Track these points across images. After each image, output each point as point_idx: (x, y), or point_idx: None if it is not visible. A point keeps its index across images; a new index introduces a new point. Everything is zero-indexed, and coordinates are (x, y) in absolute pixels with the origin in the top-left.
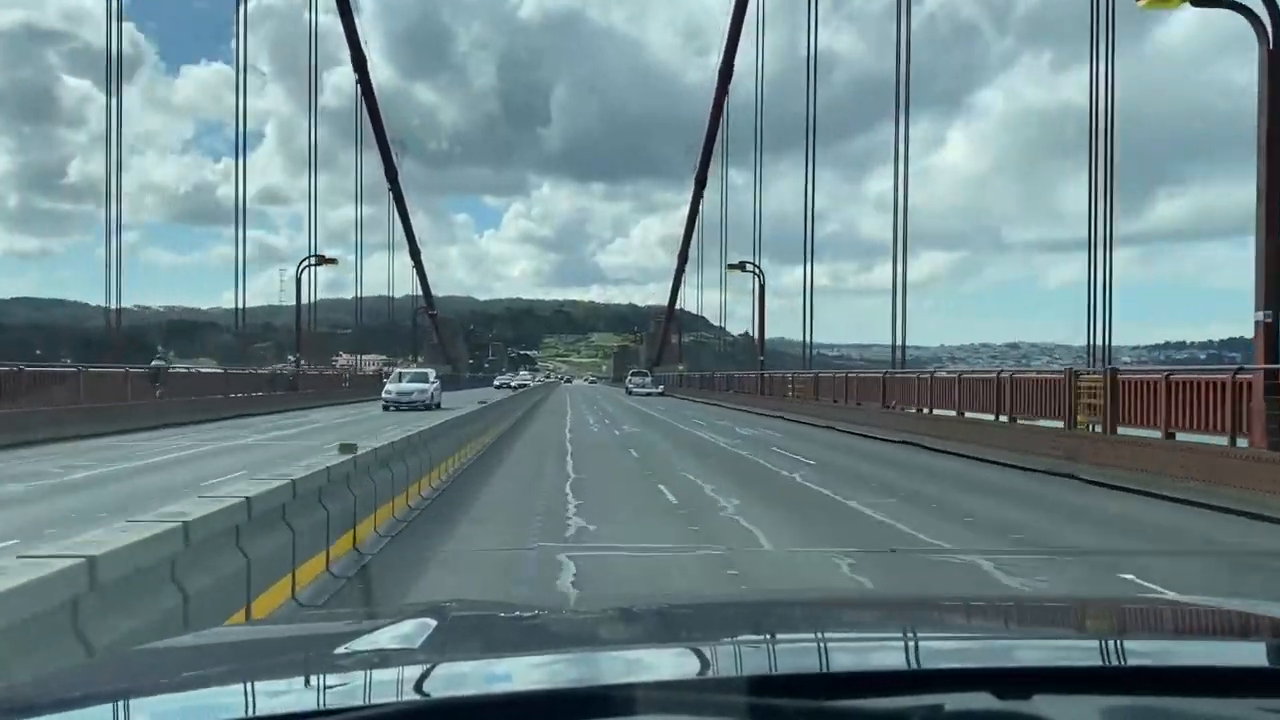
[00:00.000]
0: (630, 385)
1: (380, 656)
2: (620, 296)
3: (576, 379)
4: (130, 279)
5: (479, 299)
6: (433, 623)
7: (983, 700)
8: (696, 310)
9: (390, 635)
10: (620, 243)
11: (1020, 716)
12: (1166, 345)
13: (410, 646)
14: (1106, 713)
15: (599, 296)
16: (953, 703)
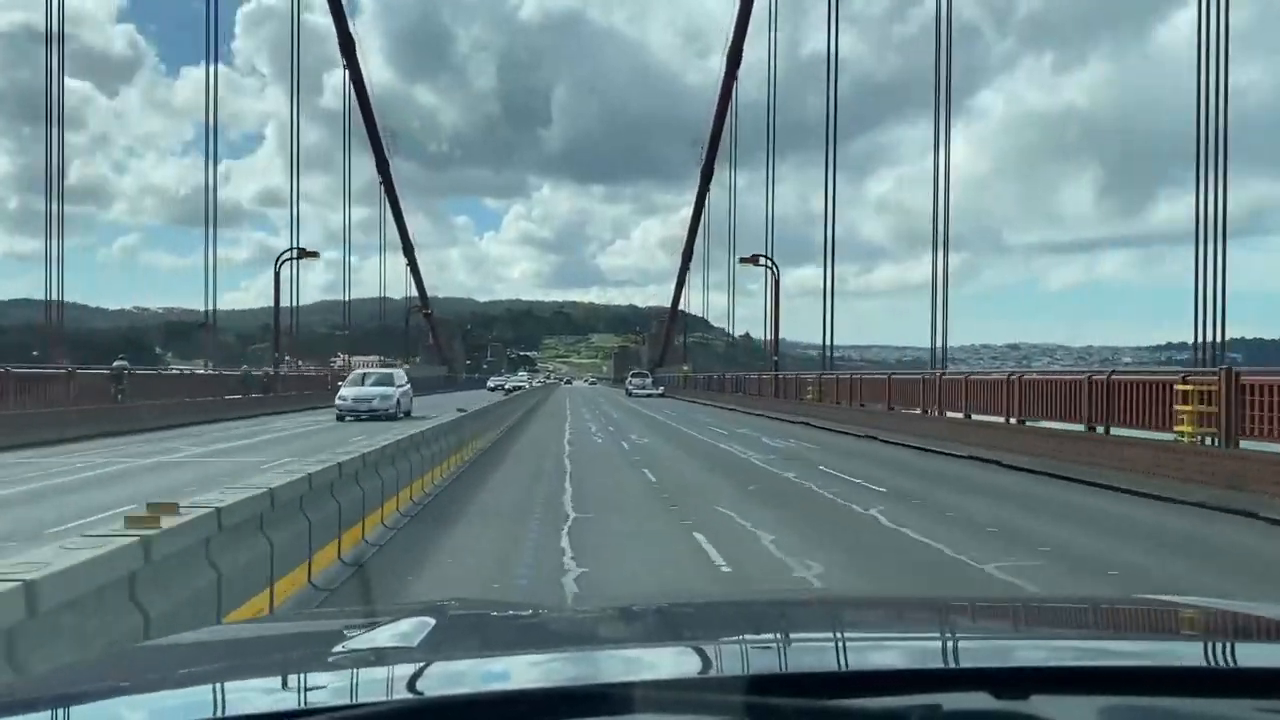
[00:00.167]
0: (630, 386)
1: (378, 655)
2: (620, 298)
3: (577, 380)
4: (130, 281)
5: (479, 300)
6: (431, 621)
7: (981, 700)
8: (696, 311)
9: (389, 634)
10: (620, 244)
11: (1018, 716)
12: (1168, 346)
13: (408, 645)
14: (1104, 713)
15: (599, 298)
16: (951, 702)
